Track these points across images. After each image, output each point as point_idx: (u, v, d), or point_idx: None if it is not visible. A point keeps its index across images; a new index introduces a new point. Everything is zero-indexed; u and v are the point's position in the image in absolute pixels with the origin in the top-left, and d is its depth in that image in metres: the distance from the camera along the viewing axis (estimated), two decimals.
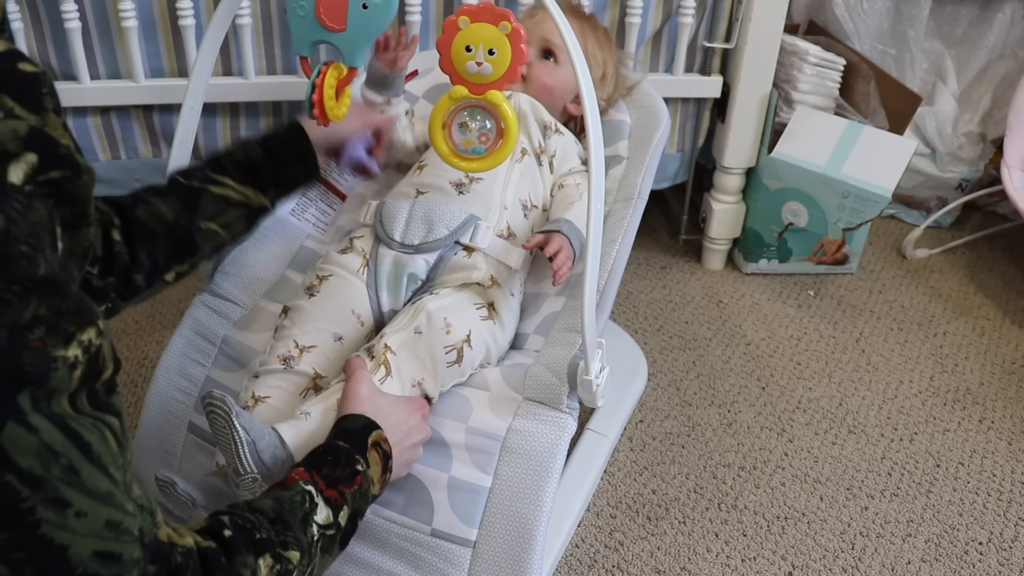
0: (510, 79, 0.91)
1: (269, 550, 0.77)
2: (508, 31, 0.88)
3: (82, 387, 0.61)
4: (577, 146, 1.32)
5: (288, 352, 1.11)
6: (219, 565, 0.72)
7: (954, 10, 2.07)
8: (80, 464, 0.60)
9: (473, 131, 0.95)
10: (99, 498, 0.61)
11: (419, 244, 1.15)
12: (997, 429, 1.52)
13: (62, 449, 0.59)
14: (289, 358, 1.10)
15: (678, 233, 1.98)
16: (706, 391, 1.58)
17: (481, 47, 0.89)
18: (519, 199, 1.22)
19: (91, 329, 0.62)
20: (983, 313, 1.82)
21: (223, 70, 1.58)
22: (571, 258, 1.13)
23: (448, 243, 1.15)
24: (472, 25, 0.89)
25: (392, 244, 1.15)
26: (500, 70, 0.90)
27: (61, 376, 0.59)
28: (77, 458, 0.60)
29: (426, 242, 1.15)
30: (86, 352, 0.61)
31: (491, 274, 1.15)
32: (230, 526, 0.76)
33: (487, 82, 0.91)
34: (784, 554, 1.29)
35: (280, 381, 1.09)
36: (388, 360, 1.05)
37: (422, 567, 1.07)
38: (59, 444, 0.59)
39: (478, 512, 1.06)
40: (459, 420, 1.10)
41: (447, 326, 1.07)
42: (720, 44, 1.69)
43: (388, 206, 1.18)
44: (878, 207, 1.66)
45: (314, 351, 1.11)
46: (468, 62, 0.91)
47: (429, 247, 1.15)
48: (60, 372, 0.59)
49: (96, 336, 0.62)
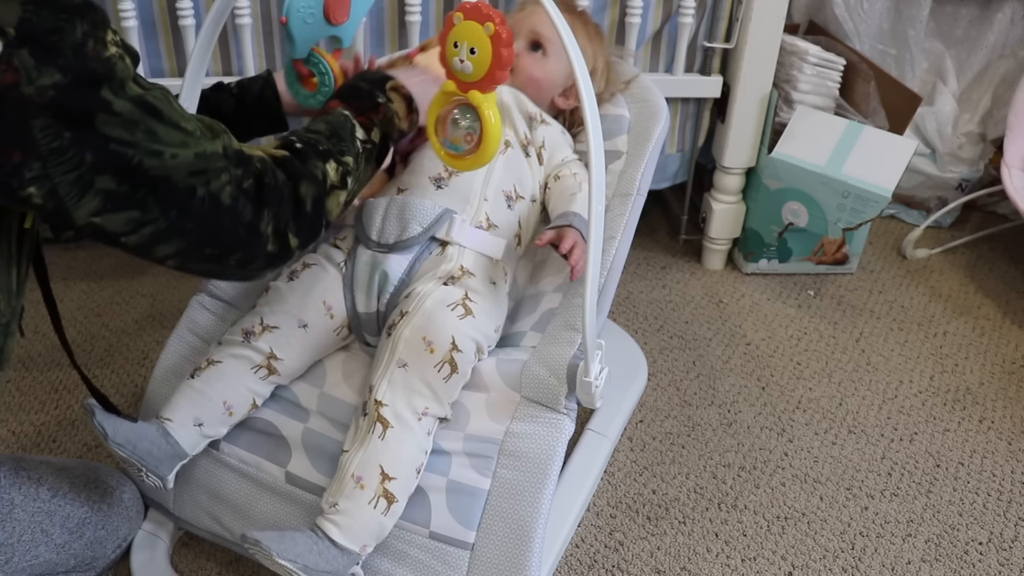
0: (492, 82, 0.91)
1: (332, 156, 0.96)
2: (491, 33, 0.88)
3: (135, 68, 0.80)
4: (565, 136, 1.32)
5: (251, 327, 1.13)
6: (294, 166, 0.91)
7: (954, 10, 2.07)
8: (155, 125, 0.79)
9: (461, 128, 0.95)
10: (178, 144, 0.80)
11: (394, 243, 1.15)
12: (997, 429, 1.52)
13: (139, 119, 0.78)
14: (250, 333, 1.13)
15: (678, 233, 1.98)
16: (706, 391, 1.58)
17: (465, 45, 0.89)
18: (502, 190, 1.21)
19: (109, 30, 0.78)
20: (983, 313, 1.82)
21: (223, 70, 1.58)
22: (585, 251, 1.12)
23: (423, 240, 1.15)
24: (464, 22, 0.89)
25: (369, 243, 1.16)
26: (480, 71, 0.90)
27: (121, 68, 0.77)
28: (152, 122, 0.79)
29: (400, 240, 1.14)
30: (117, 46, 0.77)
31: (462, 264, 1.15)
32: (299, 141, 0.95)
33: (469, 80, 0.91)
34: (784, 554, 1.29)
35: (236, 351, 1.12)
36: (383, 416, 1.05)
37: (420, 569, 1.07)
38: (136, 116, 0.78)
39: (476, 515, 1.06)
40: (457, 429, 1.10)
41: (428, 345, 1.06)
42: (720, 44, 1.69)
43: (367, 205, 1.18)
44: (878, 207, 1.66)
45: (275, 332, 1.12)
46: (455, 58, 0.91)
47: (403, 245, 1.14)
48: (119, 65, 0.76)
49: (114, 34, 0.78)
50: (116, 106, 0.76)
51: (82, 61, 0.74)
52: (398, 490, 1.03)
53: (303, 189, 0.91)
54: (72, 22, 0.74)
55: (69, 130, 0.74)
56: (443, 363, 1.06)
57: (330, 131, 0.99)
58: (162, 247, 0.84)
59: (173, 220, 0.82)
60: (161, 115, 0.80)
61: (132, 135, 0.77)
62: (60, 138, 0.74)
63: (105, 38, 0.77)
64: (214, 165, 0.83)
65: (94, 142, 0.76)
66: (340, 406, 1.13)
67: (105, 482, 1.13)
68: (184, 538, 1.26)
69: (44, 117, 0.73)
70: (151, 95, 0.80)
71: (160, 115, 0.80)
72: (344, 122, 1.01)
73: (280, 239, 0.89)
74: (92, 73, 0.75)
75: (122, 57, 0.78)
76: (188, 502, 1.18)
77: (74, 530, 1.06)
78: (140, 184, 0.79)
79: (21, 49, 0.71)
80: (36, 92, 0.72)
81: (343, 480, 1.03)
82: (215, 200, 0.83)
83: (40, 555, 1.03)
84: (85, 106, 0.75)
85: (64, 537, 1.05)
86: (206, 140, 0.84)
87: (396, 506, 1.04)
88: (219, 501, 1.16)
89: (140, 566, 1.18)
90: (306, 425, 1.14)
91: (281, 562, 0.96)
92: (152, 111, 0.79)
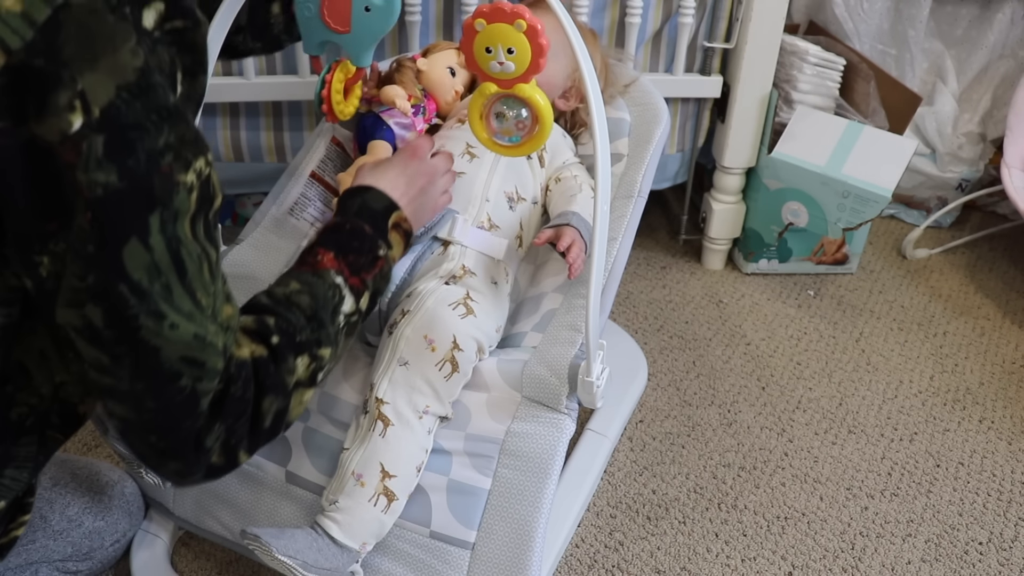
0: (535, 71, 0.91)
1: (308, 350, 0.86)
2: (523, 29, 0.88)
3: (199, 212, 0.71)
4: (566, 139, 1.32)
5: None
6: (268, 373, 0.82)
7: (954, 10, 2.07)
8: (175, 285, 0.70)
9: (510, 120, 0.96)
10: (184, 315, 0.71)
11: None
12: (997, 429, 1.52)
13: (165, 269, 0.69)
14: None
15: (678, 233, 1.98)
16: (706, 391, 1.58)
17: (500, 47, 0.89)
18: (504, 191, 1.21)
19: (203, 158, 0.70)
20: (983, 313, 1.82)
21: (223, 70, 1.58)
22: (584, 250, 1.12)
23: (425, 239, 1.15)
24: (488, 27, 0.89)
25: None
26: (522, 66, 0.90)
27: (182, 199, 0.68)
28: (174, 280, 0.70)
29: None
30: (199, 178, 0.69)
31: (463, 263, 1.15)
32: (276, 331, 0.84)
33: (512, 78, 0.92)
34: (784, 554, 1.29)
35: None
36: (384, 414, 1.05)
37: (420, 568, 1.07)
38: (164, 264, 0.69)
39: (477, 514, 1.06)
40: (458, 429, 1.10)
41: (429, 344, 1.06)
42: (720, 44, 1.69)
43: None
44: (878, 207, 1.66)
45: None
46: (491, 62, 0.91)
47: None
48: (181, 195, 0.68)
49: (205, 165, 0.70)
50: (152, 240, 0.68)
51: (149, 172, 0.66)
52: (398, 488, 1.04)
53: (267, 403, 0.82)
54: (160, 127, 0.66)
55: (94, 243, 0.66)
56: (444, 362, 1.06)
57: (312, 310, 0.88)
58: (114, 404, 0.74)
59: (138, 392, 0.72)
60: (184, 275, 0.71)
61: (149, 283, 0.68)
62: (85, 244, 0.66)
63: (191, 162, 0.68)
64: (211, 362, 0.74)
65: (108, 267, 0.67)
66: (340, 405, 1.13)
67: (107, 476, 1.13)
68: (184, 538, 1.26)
69: (83, 213, 0.65)
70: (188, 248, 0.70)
71: (184, 274, 0.71)
72: (331, 296, 0.91)
73: (228, 453, 0.80)
74: (150, 189, 0.66)
75: (192, 190, 0.69)
76: (188, 501, 1.18)
77: (73, 518, 1.06)
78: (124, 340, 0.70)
79: (97, 135, 0.64)
80: (87, 184, 0.64)
81: (343, 478, 1.03)
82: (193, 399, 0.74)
83: (37, 540, 1.03)
84: (123, 224, 0.66)
85: (62, 524, 1.05)
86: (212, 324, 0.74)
87: (396, 504, 1.04)
88: (219, 500, 1.16)
89: (140, 566, 1.18)
90: (306, 424, 1.14)
91: (281, 558, 0.96)
92: (179, 266, 0.70)
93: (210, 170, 0.71)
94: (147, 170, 0.65)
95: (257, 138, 1.68)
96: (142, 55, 0.65)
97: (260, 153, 1.69)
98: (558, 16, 0.87)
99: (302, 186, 1.30)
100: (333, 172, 1.32)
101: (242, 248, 1.25)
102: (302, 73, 1.58)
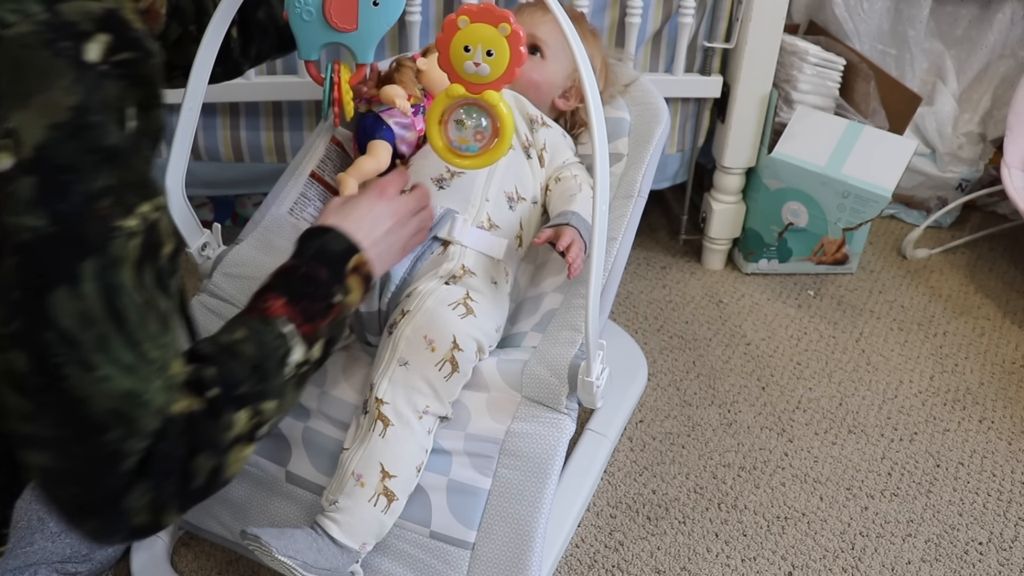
0: (507, 80, 0.91)
1: (250, 403, 0.80)
2: (507, 33, 0.88)
3: (144, 259, 0.66)
4: (566, 139, 1.32)
5: None
6: (203, 429, 0.76)
7: (954, 10, 2.07)
8: (112, 335, 0.65)
9: (469, 128, 0.95)
10: (123, 368, 0.66)
11: None
12: (997, 429, 1.52)
13: (100, 318, 0.64)
14: None
15: (678, 233, 1.98)
16: (706, 391, 1.58)
17: (480, 48, 0.89)
18: (503, 191, 1.21)
19: (149, 203, 0.66)
20: (983, 313, 1.82)
21: None
22: (583, 250, 1.12)
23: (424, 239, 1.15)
24: (472, 25, 0.89)
25: None
26: (497, 71, 0.90)
27: (120, 245, 0.64)
28: (111, 330, 0.65)
29: None
30: (143, 223, 0.65)
31: (463, 263, 1.15)
32: (215, 383, 0.78)
33: (484, 82, 0.91)
34: (784, 554, 1.29)
35: None
36: (384, 414, 1.05)
37: (420, 569, 1.07)
38: (98, 314, 0.64)
39: (477, 514, 1.06)
40: (458, 429, 1.10)
41: (429, 344, 1.06)
42: (720, 44, 1.69)
43: None
44: (878, 207, 1.66)
45: None
46: (466, 62, 0.91)
47: None
48: (119, 241, 0.64)
49: (153, 210, 0.66)
50: (84, 287, 0.63)
51: (81, 216, 0.62)
52: (398, 488, 1.04)
53: (199, 462, 0.76)
54: (98, 169, 0.62)
55: (19, 289, 0.62)
56: (444, 362, 1.06)
57: (257, 361, 0.82)
58: (35, 453, 0.69)
59: (63, 440, 0.67)
60: (124, 325, 0.66)
61: (80, 332, 0.64)
62: (10, 289, 0.62)
63: (134, 206, 0.64)
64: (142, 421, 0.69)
65: (33, 314, 0.63)
66: (340, 405, 1.13)
67: None
68: (184, 538, 1.26)
69: (10, 256, 0.61)
70: (130, 297, 0.66)
71: (122, 324, 0.66)
72: (278, 347, 0.85)
73: (155, 513, 0.74)
74: (82, 235, 0.62)
75: (135, 235, 0.64)
76: None
77: None
78: (50, 389, 0.65)
79: (27, 176, 0.60)
80: (14, 228, 0.61)
81: (343, 478, 1.03)
82: (117, 455, 0.68)
83: (35, 542, 1.03)
84: (51, 270, 0.62)
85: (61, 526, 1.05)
86: (157, 379, 0.69)
87: (396, 504, 1.04)
88: (219, 500, 1.16)
89: (140, 566, 1.18)
90: (306, 424, 1.14)
91: (280, 558, 0.96)
92: (117, 316, 0.65)
93: (159, 215, 0.67)
94: (80, 214, 0.62)
95: (257, 138, 1.68)
96: (79, 93, 0.62)
97: (260, 153, 1.69)
98: (556, 16, 0.87)
99: (302, 186, 1.30)
100: (333, 172, 1.32)
101: (242, 248, 1.25)
102: (302, 73, 1.58)
